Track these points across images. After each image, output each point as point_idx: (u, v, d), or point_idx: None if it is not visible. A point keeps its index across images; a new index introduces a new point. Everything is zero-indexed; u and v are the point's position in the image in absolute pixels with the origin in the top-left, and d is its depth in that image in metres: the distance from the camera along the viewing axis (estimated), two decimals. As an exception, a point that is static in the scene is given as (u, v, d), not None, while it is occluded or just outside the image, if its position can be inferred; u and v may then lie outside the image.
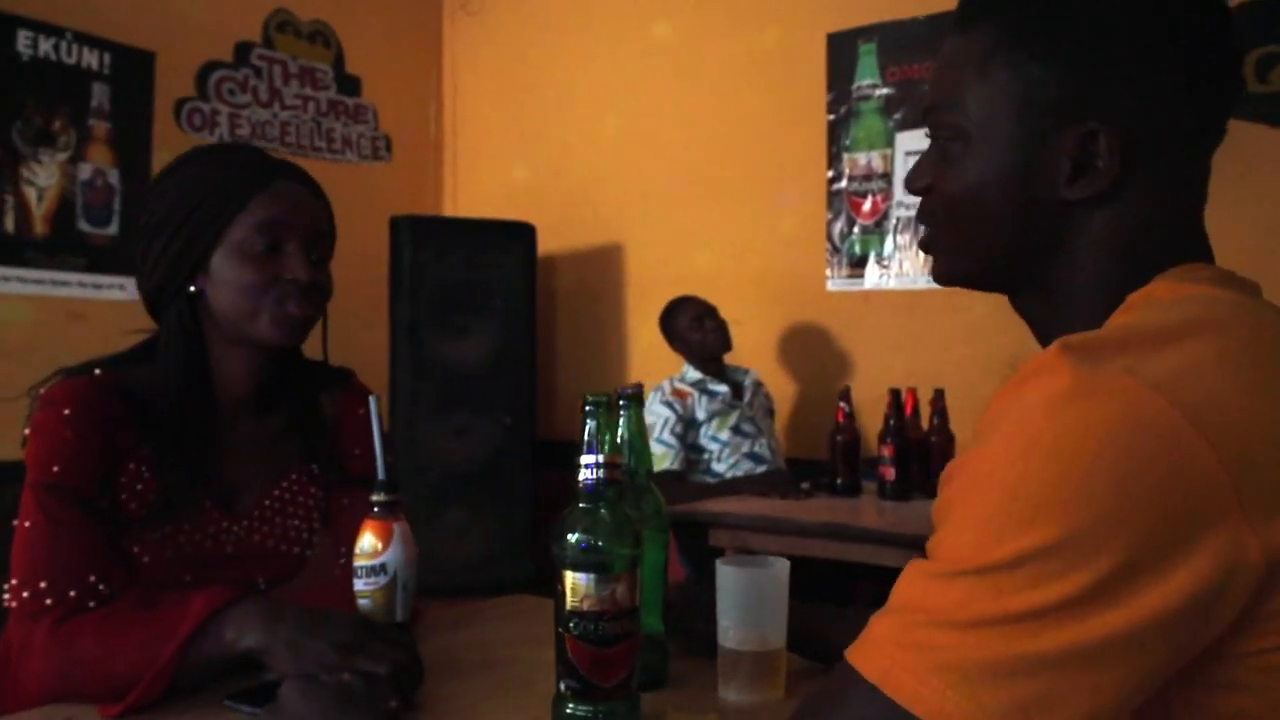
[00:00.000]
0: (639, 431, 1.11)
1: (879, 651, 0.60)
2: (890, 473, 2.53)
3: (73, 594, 1.11)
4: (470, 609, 1.49)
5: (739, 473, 2.98)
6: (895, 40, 3.36)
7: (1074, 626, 0.55)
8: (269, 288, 1.23)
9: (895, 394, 2.60)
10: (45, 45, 3.19)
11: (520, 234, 3.65)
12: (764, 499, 2.60)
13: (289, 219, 1.24)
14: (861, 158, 3.44)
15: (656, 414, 3.00)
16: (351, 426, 1.40)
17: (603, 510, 0.93)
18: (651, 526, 1.10)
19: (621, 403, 1.10)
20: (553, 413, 4.11)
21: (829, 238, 3.49)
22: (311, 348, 1.41)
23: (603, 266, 4.03)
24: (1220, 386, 0.59)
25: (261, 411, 1.34)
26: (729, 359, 3.45)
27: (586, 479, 0.94)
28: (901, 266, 3.35)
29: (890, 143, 3.38)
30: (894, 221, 3.37)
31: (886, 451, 2.54)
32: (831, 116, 3.49)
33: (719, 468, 3.02)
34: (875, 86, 3.41)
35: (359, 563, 1.11)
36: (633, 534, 0.94)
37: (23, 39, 3.14)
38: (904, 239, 3.35)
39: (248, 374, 1.30)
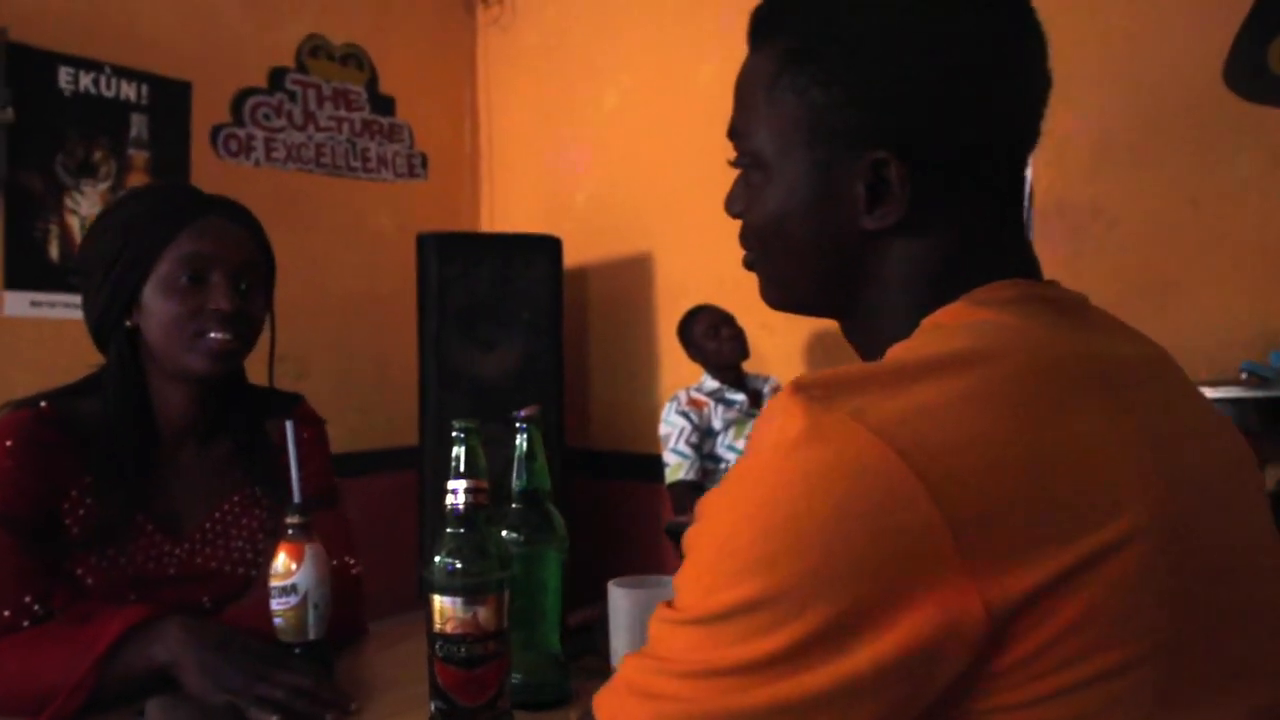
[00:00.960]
0: (537, 454, 1.12)
1: (615, 696, 0.60)
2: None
3: (7, 614, 1.17)
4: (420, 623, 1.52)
5: (756, 481, 2.97)
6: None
7: (783, 682, 0.53)
8: (193, 318, 1.28)
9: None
10: (85, 80, 3.33)
11: (546, 247, 3.69)
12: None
13: (213, 252, 1.30)
14: (883, 160, 3.39)
15: (672, 424, 3.01)
16: (296, 450, 1.44)
17: (468, 534, 0.95)
18: (551, 547, 1.12)
19: (519, 425, 1.12)
20: (586, 422, 4.15)
21: (852, 241, 3.45)
22: (330, 373, 1.46)
23: (635, 276, 4.05)
24: (957, 429, 0.55)
25: (205, 438, 1.40)
26: (751, 367, 3.44)
27: (453, 504, 0.96)
28: (925, 269, 3.30)
29: (911, 143, 3.33)
30: (917, 223, 3.32)
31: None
32: (853, 119, 3.46)
33: (736, 477, 3.01)
34: (895, 87, 3.36)
35: (272, 583, 1.15)
36: (498, 558, 0.96)
37: (64, 75, 3.29)
38: (927, 241, 3.30)
39: (187, 403, 1.36)
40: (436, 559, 0.94)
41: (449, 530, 0.95)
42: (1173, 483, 0.58)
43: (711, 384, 3.12)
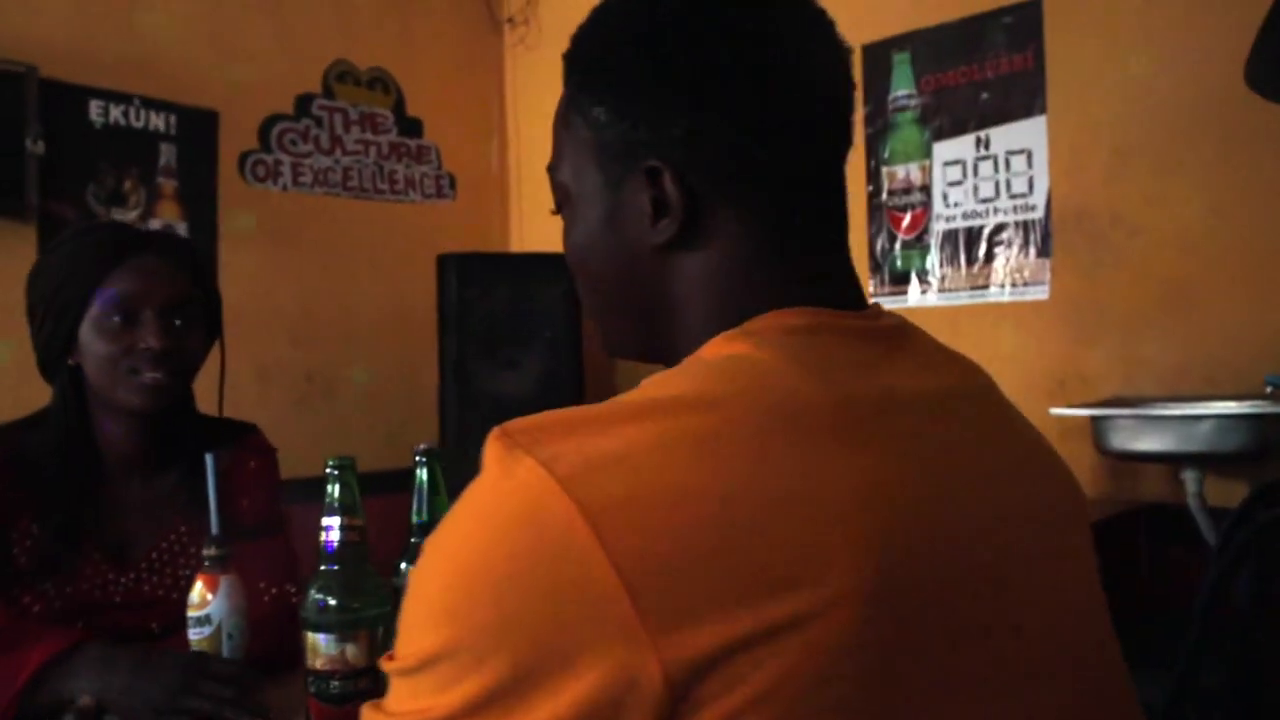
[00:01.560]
0: (439, 487, 1.13)
1: None
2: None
3: None
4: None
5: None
6: (929, 48, 3.27)
7: None
8: (125, 357, 1.32)
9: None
10: (115, 112, 3.45)
11: (564, 266, 3.70)
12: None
13: (142, 291, 1.34)
14: (900, 170, 3.34)
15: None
16: (241, 479, 1.47)
17: (341, 572, 0.96)
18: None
19: (418, 459, 1.13)
20: (612, 439, 4.15)
21: (871, 254, 3.41)
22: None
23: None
24: (648, 480, 0.52)
25: (152, 469, 1.43)
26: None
27: (326, 541, 0.97)
28: (944, 282, 3.24)
29: (928, 154, 3.28)
30: (935, 236, 3.26)
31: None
32: (869, 130, 3.42)
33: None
34: (911, 97, 3.31)
35: (189, 613, 1.17)
36: (373, 595, 0.96)
37: (95, 108, 3.41)
38: (945, 253, 3.24)
39: (130, 436, 1.40)
40: (309, 595, 0.95)
41: (322, 567, 0.96)
42: (911, 542, 0.55)
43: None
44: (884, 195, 3.38)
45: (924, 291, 3.29)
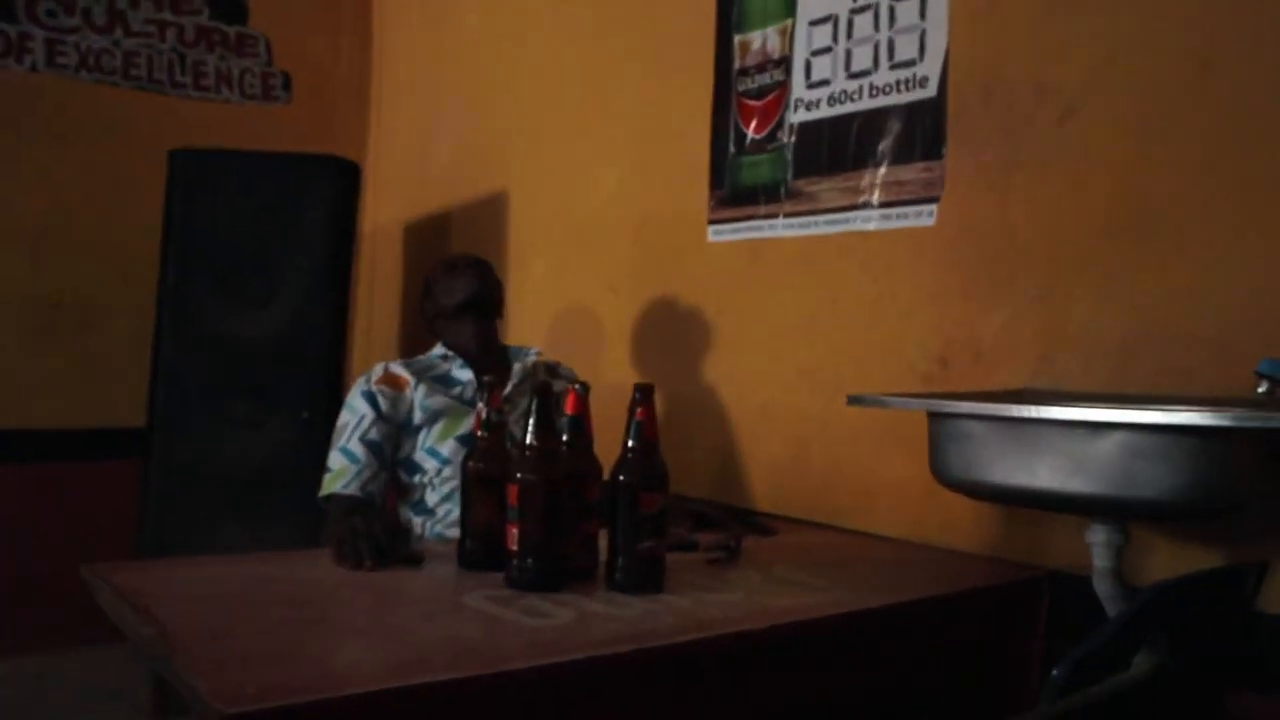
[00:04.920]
0: None
1: None
2: (513, 535, 1.29)
3: None
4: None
5: (455, 508, 1.81)
6: None
7: None
8: None
9: (541, 398, 1.33)
10: None
11: (333, 171, 2.63)
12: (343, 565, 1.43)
13: None
14: (755, 39, 2.13)
15: (352, 410, 1.87)
16: None
17: None
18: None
19: None
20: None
21: (712, 162, 2.21)
22: None
23: (499, 218, 2.94)
24: None
25: None
26: (590, 333, 2.30)
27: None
28: (798, 201, 2.02)
29: (790, 10, 2.06)
30: (790, 131, 2.04)
31: (511, 498, 1.30)
32: (723, -16, 2.21)
33: (432, 499, 1.85)
34: (775, -73, 2.10)
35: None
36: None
37: None
38: (802, 159, 2.02)
39: None
40: None
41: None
42: None
43: (438, 354, 1.98)
44: (733, 76, 2.17)
45: (773, 216, 2.07)
